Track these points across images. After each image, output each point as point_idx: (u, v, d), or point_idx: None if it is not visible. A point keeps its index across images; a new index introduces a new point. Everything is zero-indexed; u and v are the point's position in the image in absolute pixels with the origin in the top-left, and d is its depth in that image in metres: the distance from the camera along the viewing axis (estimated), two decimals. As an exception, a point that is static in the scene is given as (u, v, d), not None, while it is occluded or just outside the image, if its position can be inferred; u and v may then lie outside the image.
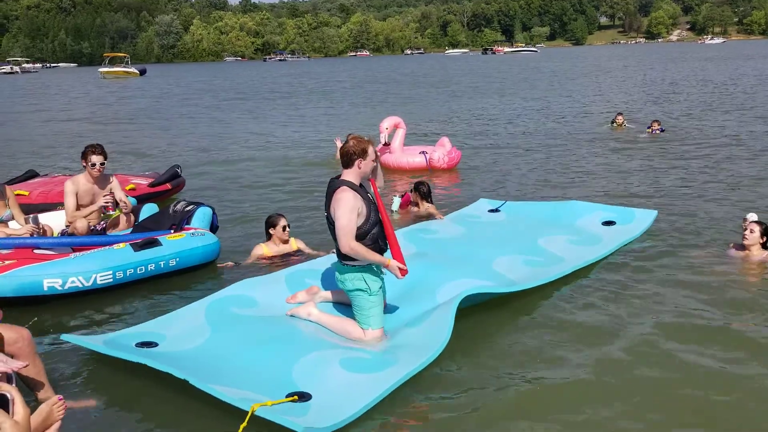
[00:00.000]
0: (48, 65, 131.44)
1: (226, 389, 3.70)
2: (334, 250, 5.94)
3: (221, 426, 3.62)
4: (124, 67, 72.47)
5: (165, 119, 23.13)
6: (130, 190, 8.50)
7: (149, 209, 6.96)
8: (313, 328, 4.64)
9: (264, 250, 6.55)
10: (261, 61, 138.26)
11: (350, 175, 4.48)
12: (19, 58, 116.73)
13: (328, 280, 5.36)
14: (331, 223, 4.44)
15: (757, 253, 6.09)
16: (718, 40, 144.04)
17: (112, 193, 6.67)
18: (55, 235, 6.56)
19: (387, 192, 8.97)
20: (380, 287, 4.55)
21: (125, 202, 6.73)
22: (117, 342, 4.38)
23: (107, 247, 5.89)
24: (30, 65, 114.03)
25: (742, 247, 6.20)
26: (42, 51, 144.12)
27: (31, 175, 9.19)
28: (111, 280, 5.63)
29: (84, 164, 6.51)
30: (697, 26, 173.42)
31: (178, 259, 6.02)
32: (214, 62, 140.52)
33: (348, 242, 4.30)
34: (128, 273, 5.73)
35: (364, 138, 4.55)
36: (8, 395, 2.05)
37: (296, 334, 4.52)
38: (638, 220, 7.23)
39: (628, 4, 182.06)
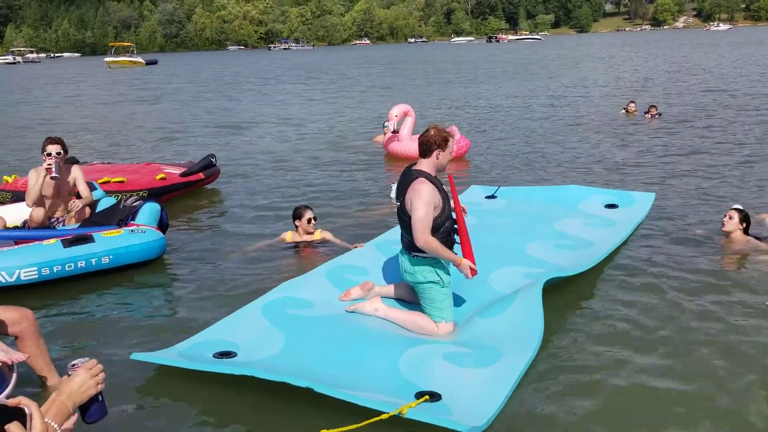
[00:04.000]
0: (51, 55, 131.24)
1: (360, 393, 3.57)
2: (360, 245, 5.96)
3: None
4: (130, 56, 72.29)
5: (197, 105, 23.31)
6: (160, 179, 8.41)
7: (107, 202, 6.76)
8: (384, 325, 4.50)
9: (288, 238, 6.55)
10: (265, 49, 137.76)
11: (427, 165, 4.36)
12: (22, 48, 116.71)
13: (375, 274, 5.27)
14: (406, 214, 4.29)
15: (738, 239, 6.03)
16: (724, 27, 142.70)
17: (57, 157, 6.27)
18: (9, 227, 6.42)
19: (394, 180, 8.88)
20: (450, 279, 4.45)
21: (86, 195, 6.51)
22: (194, 355, 4.15)
23: (37, 242, 5.73)
24: (33, 55, 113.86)
25: (723, 234, 6.16)
26: (45, 41, 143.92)
27: (71, 162, 9.11)
28: (36, 276, 5.50)
29: (43, 156, 6.22)
30: (703, 12, 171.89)
31: (111, 257, 5.83)
32: (217, 51, 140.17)
33: (424, 236, 4.17)
34: (55, 270, 5.57)
35: (446, 128, 4.41)
36: (26, 409, 2.03)
37: (377, 332, 4.38)
38: (639, 203, 7.31)
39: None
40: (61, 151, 6.25)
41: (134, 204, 6.40)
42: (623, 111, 16.07)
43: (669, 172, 9.58)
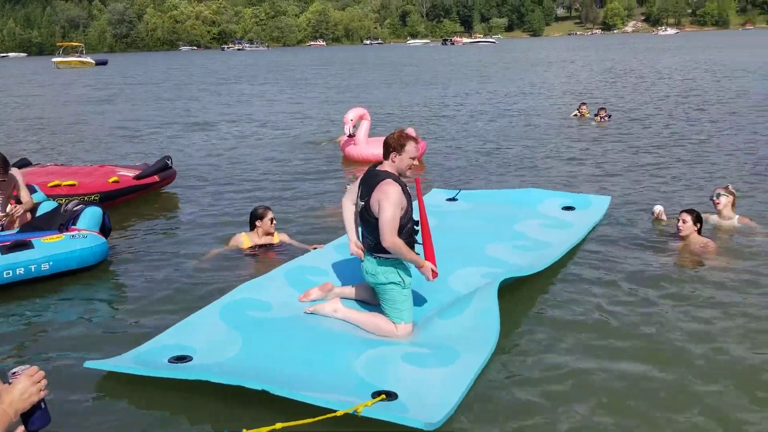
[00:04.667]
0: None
1: (316, 394, 3.56)
2: (319, 246, 5.95)
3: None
4: (79, 56, 70.54)
5: (153, 106, 22.88)
6: (113, 182, 8.20)
7: (48, 206, 6.57)
8: (343, 326, 4.50)
9: (245, 240, 6.41)
10: (218, 50, 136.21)
11: (388, 167, 4.38)
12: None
13: (334, 275, 5.26)
14: (371, 215, 4.28)
15: (695, 241, 6.13)
16: (671, 31, 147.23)
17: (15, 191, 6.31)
18: None
19: (351, 182, 8.87)
20: (411, 280, 4.48)
21: (26, 201, 6.34)
22: (149, 360, 4.08)
23: None
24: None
25: (679, 237, 6.23)
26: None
27: (23, 163, 8.81)
28: None
29: None
30: (651, 17, 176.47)
31: (51, 263, 5.68)
32: (169, 51, 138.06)
33: (392, 237, 4.18)
34: None
35: (410, 134, 4.42)
36: None
37: (335, 333, 4.38)
38: (595, 206, 7.47)
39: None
40: (5, 179, 6.11)
41: (75, 208, 6.22)
42: (575, 114, 16.38)
43: (622, 173, 9.79)
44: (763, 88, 21.75)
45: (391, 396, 3.64)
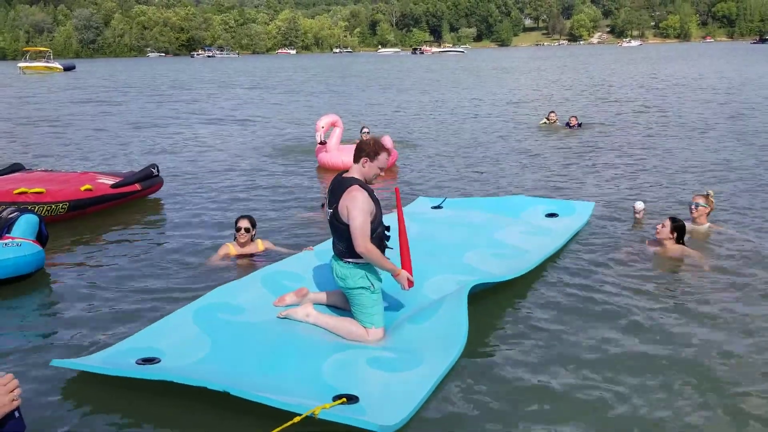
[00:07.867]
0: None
1: (277, 397, 3.56)
2: (310, 249, 5.92)
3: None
4: (46, 62, 69.25)
5: (141, 112, 22.57)
6: (85, 190, 7.97)
7: None
8: (314, 330, 4.53)
9: (230, 249, 6.43)
10: (187, 57, 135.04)
11: (356, 171, 4.39)
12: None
13: (311, 281, 5.27)
14: (340, 221, 4.29)
15: (671, 247, 6.25)
16: (635, 43, 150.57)
17: None
18: None
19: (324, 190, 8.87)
20: (381, 285, 4.51)
21: None
22: (117, 361, 4.07)
23: None
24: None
25: (657, 242, 6.35)
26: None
27: (16, 168, 8.66)
28: None
29: None
30: (616, 29, 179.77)
31: None
32: (136, 57, 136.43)
33: (364, 243, 4.20)
34: None
35: (386, 143, 4.44)
36: None
37: (304, 337, 4.40)
38: (579, 212, 7.49)
39: (552, 7, 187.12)
40: None
41: (10, 216, 6.07)
42: (544, 121, 16.59)
43: (598, 179, 9.90)
44: (728, 98, 22.28)
45: (352, 399, 3.66)
